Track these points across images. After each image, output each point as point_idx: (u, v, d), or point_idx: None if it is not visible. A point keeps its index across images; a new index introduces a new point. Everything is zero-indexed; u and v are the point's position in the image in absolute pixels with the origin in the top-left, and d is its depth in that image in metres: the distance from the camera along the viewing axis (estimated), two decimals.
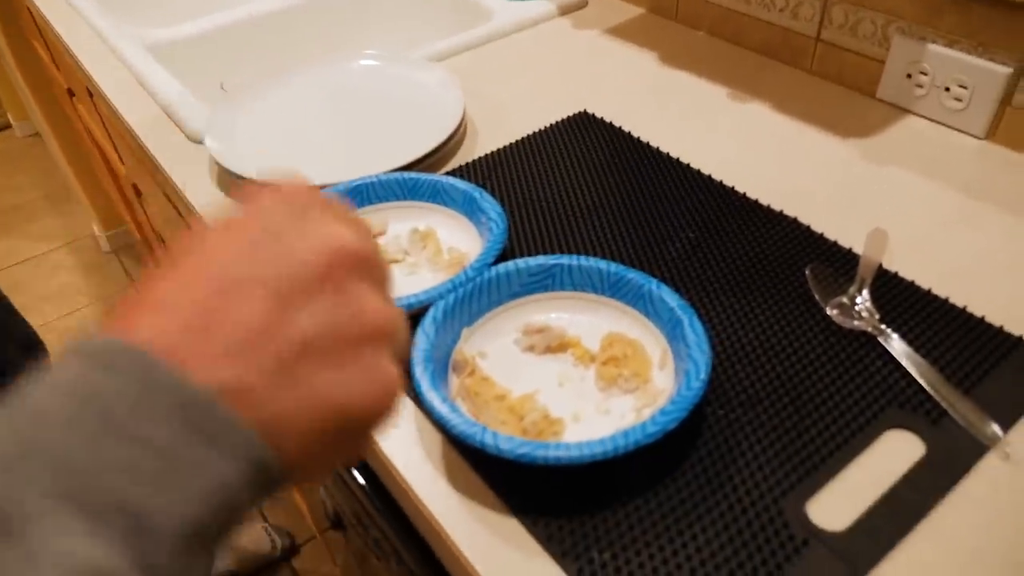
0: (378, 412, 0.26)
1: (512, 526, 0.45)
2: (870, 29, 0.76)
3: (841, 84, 0.81)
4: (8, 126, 2.66)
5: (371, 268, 0.27)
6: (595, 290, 0.55)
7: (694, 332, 0.49)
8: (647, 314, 0.53)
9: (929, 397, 0.48)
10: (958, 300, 0.55)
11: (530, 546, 0.44)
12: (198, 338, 0.23)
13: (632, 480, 0.46)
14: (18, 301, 2.01)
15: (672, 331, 0.51)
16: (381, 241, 0.64)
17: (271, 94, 0.84)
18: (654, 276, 0.59)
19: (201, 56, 1.02)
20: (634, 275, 0.54)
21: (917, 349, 0.51)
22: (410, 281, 0.60)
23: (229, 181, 0.74)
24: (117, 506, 0.20)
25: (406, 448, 0.50)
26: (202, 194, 0.74)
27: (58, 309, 1.99)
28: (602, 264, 0.55)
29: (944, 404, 0.48)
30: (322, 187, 0.65)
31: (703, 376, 0.46)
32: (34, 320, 1.95)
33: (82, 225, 2.22)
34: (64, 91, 1.55)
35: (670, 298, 0.51)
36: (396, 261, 0.62)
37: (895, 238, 0.61)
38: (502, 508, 0.46)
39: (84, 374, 0.22)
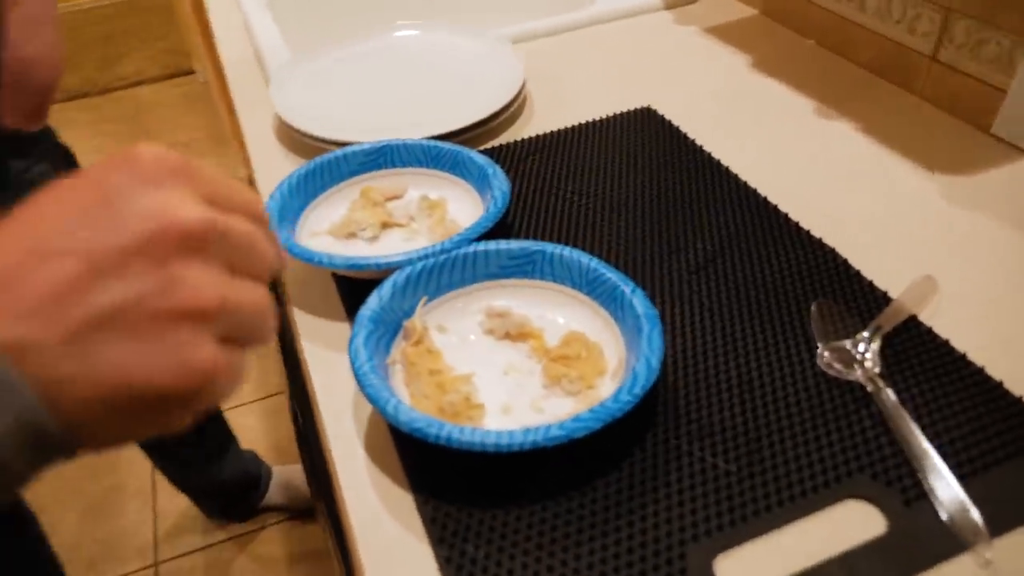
0: (179, 392, 0.25)
1: (406, 502, 0.43)
2: (995, 51, 0.66)
3: (951, 113, 0.71)
4: (192, 71, 2.92)
5: (215, 245, 0.26)
6: (573, 285, 0.51)
7: (649, 345, 0.44)
8: (616, 318, 0.49)
9: (912, 473, 0.41)
10: (995, 372, 0.46)
11: (414, 524, 0.41)
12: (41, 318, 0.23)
13: (536, 483, 0.42)
14: None
15: (632, 340, 0.46)
16: (396, 204, 0.63)
17: (345, 52, 0.85)
18: (657, 283, 0.54)
19: (317, 13, 1.06)
20: (613, 275, 0.49)
21: (920, 417, 0.44)
22: (404, 246, 0.59)
23: (284, 129, 0.76)
24: None
25: (338, 399, 0.49)
26: (260, 138, 0.76)
27: None
28: (584, 258, 0.51)
29: (927, 484, 0.40)
30: (343, 144, 0.66)
31: (636, 391, 0.41)
32: None
33: (232, 166, 2.39)
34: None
35: (640, 304, 0.47)
36: (400, 225, 0.61)
37: (949, 292, 0.53)
38: (403, 482, 0.44)
39: None
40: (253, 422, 1.67)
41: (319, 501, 0.80)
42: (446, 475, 0.43)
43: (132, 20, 2.79)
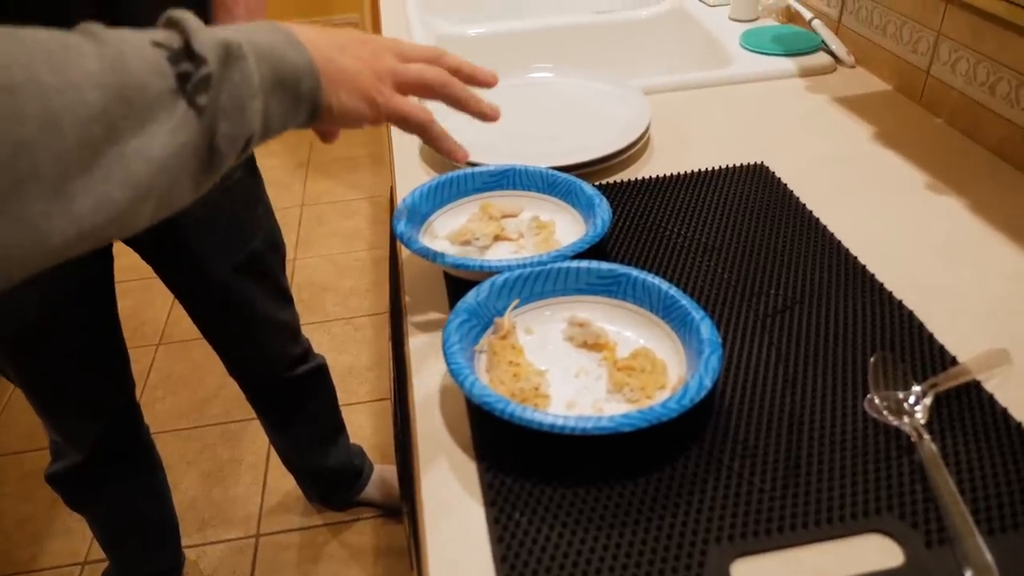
0: (367, 94, 0.49)
1: (470, 468, 0.49)
2: None
3: None
4: None
5: (395, 54, 0.52)
6: (651, 308, 0.56)
7: (706, 366, 0.49)
8: (683, 341, 0.53)
9: (938, 519, 0.43)
10: None
11: (473, 488, 0.48)
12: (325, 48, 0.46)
13: (585, 470, 0.47)
14: (317, 231, 2.42)
15: (693, 361, 0.51)
16: (510, 221, 0.71)
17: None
18: (732, 321, 0.58)
19: (478, 54, 1.17)
20: (686, 302, 0.54)
21: (959, 471, 0.45)
22: (509, 258, 0.66)
23: (427, 148, 0.86)
24: (273, 65, 0.42)
25: (429, 376, 0.56)
26: (406, 154, 0.87)
27: (341, 246, 2.35)
28: (663, 285, 0.56)
29: (952, 530, 0.42)
30: (473, 165, 0.74)
31: (684, 402, 0.46)
32: (321, 250, 2.34)
33: (385, 185, 2.59)
34: None
35: (706, 331, 0.51)
36: (510, 240, 0.69)
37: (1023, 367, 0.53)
38: (470, 451, 0.50)
39: (279, 38, 0.43)
40: (363, 420, 1.79)
41: (405, 500, 0.87)
42: (508, 450, 0.49)
43: None
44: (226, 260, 1.04)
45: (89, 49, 0.32)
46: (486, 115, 0.55)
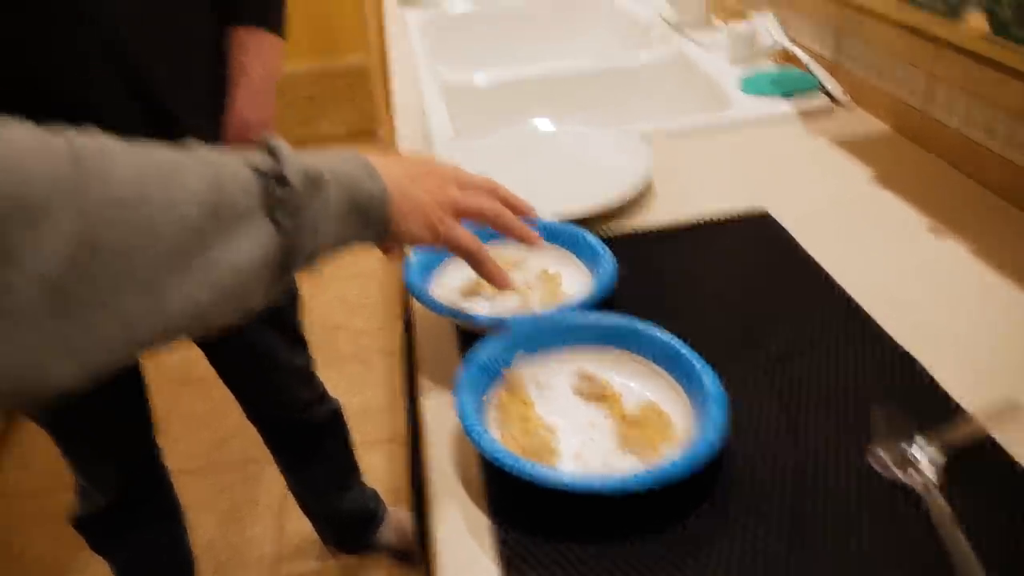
0: (431, 223, 0.55)
1: (483, 522, 0.50)
2: None
3: None
4: (374, 132, 3.24)
5: (456, 184, 0.59)
6: (655, 359, 0.57)
7: (713, 423, 0.49)
8: (688, 393, 0.54)
9: None
10: None
11: (485, 542, 0.48)
12: (399, 179, 0.53)
13: (599, 528, 0.48)
14: (329, 270, 2.43)
15: (699, 414, 0.52)
16: (518, 274, 0.72)
17: (494, 138, 0.97)
18: (735, 369, 0.59)
19: (482, 104, 1.19)
20: (687, 353, 0.55)
21: (968, 527, 0.45)
22: (516, 309, 0.68)
23: None
24: (349, 198, 0.48)
25: (442, 429, 0.57)
26: None
27: (354, 285, 2.37)
28: (667, 337, 0.57)
29: None
30: None
31: (693, 462, 0.47)
32: (333, 289, 2.35)
33: None
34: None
35: (709, 384, 0.52)
36: (516, 291, 0.70)
37: None
38: (482, 503, 0.51)
39: (359, 168, 0.49)
40: (377, 462, 1.79)
41: (422, 546, 0.87)
42: (522, 506, 0.50)
43: (329, 85, 3.15)
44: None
45: (194, 168, 0.38)
46: (530, 241, 0.61)
